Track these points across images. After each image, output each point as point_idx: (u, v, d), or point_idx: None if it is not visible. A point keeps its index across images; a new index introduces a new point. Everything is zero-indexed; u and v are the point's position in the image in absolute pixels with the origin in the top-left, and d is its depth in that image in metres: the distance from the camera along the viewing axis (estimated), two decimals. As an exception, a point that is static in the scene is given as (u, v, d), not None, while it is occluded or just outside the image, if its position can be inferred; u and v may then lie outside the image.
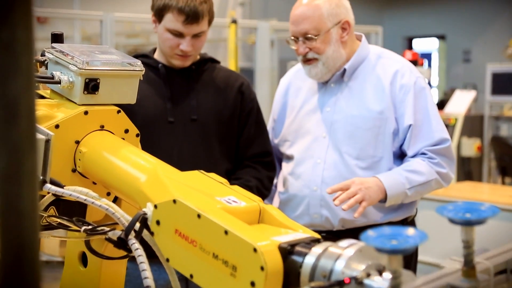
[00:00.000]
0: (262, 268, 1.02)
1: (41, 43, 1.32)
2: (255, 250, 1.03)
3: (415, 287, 0.91)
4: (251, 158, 2.46)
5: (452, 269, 0.97)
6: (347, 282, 0.95)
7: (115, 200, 1.53)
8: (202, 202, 1.17)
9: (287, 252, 1.05)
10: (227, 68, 2.65)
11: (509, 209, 4.44)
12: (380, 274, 0.96)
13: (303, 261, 1.03)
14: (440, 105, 9.03)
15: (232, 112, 2.43)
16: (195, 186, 1.25)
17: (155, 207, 1.22)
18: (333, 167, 2.39)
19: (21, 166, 0.71)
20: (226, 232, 1.08)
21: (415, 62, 6.89)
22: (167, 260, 1.21)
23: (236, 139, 2.45)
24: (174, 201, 1.18)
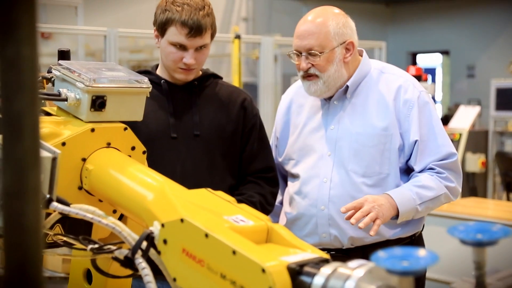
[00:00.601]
0: (270, 288, 1.01)
1: (45, 58, 1.32)
2: (263, 270, 1.02)
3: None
4: (254, 173, 2.45)
5: (463, 291, 0.96)
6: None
7: (121, 217, 1.53)
8: (209, 221, 1.16)
9: (296, 272, 1.04)
10: (230, 83, 2.66)
11: (514, 226, 4.42)
12: (390, 295, 0.95)
13: (312, 282, 1.02)
14: (444, 120, 9.02)
15: (234, 127, 2.43)
16: (203, 204, 1.24)
17: (162, 226, 1.21)
18: (340, 185, 2.38)
19: (25, 182, 0.71)
20: (234, 252, 1.07)
21: (419, 77, 6.89)
22: (174, 279, 1.20)
23: (239, 155, 2.44)
24: (181, 220, 1.17)
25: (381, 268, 0.88)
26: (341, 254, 2.35)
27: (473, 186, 8.20)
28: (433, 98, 8.81)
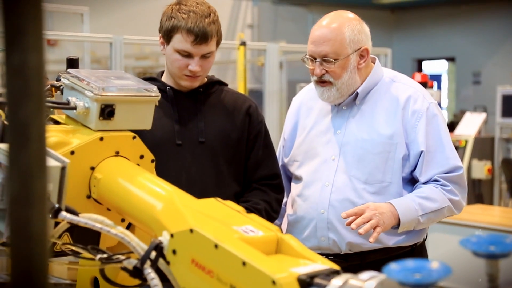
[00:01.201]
0: (281, 300, 1.00)
1: (51, 65, 1.32)
2: (274, 282, 1.01)
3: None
4: (259, 180, 2.45)
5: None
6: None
7: (129, 226, 1.52)
8: (219, 231, 1.16)
9: (306, 284, 1.03)
10: (235, 90, 2.66)
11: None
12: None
13: (322, 293, 1.01)
14: (450, 127, 8.95)
15: (240, 134, 2.43)
16: (212, 214, 1.24)
17: (172, 236, 1.20)
18: (341, 190, 2.38)
19: (31, 190, 0.71)
20: (244, 263, 1.07)
21: (424, 84, 6.88)
22: (183, 290, 1.19)
23: (244, 162, 2.45)
24: (191, 231, 1.17)
25: (392, 280, 0.88)
26: (340, 259, 2.34)
27: (479, 193, 8.18)
28: (439, 104, 8.80)
